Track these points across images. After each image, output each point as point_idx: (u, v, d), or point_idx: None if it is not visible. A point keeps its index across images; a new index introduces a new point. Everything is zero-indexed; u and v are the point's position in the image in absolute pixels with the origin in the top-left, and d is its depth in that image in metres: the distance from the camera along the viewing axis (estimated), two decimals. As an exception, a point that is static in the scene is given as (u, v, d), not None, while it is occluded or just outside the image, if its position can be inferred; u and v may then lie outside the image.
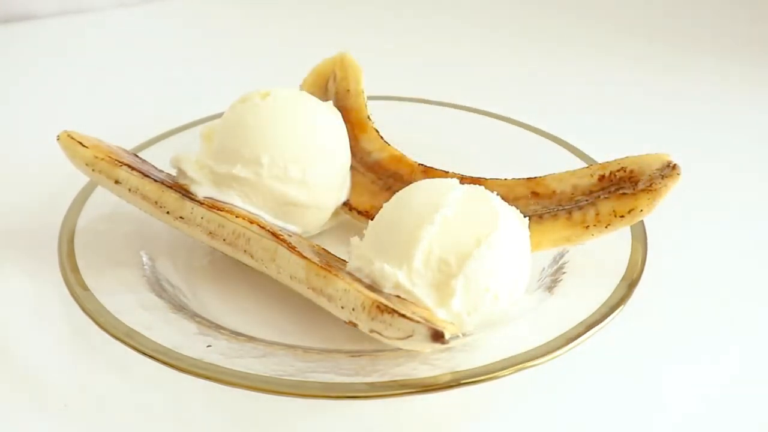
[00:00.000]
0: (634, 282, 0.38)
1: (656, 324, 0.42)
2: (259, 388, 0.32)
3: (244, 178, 0.42)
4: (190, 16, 0.89)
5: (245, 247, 0.39)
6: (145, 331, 0.35)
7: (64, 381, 0.38)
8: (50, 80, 0.73)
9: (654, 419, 0.36)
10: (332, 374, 0.34)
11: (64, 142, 0.43)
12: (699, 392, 0.38)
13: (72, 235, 0.42)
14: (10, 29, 0.79)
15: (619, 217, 0.39)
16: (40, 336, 0.40)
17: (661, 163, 0.40)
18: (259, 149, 0.42)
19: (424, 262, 0.36)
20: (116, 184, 0.42)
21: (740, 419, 0.36)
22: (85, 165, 0.42)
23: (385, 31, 0.86)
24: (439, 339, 0.32)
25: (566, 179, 0.43)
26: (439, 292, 0.36)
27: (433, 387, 0.32)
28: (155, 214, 0.42)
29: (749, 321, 0.42)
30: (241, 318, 0.40)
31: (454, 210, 0.37)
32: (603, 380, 0.38)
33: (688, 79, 0.73)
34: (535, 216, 0.41)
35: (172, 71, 0.76)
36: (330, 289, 0.36)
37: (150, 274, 0.42)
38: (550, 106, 0.66)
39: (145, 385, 0.37)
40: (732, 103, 0.70)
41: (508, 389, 0.37)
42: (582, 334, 0.35)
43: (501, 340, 0.36)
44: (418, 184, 0.40)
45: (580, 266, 0.41)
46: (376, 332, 0.34)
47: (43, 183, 0.53)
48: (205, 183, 0.42)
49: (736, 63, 0.77)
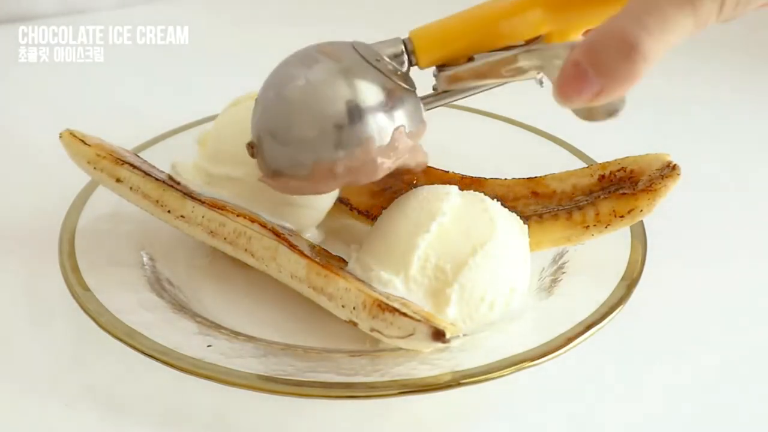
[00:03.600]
0: (634, 282, 0.38)
1: (656, 324, 0.42)
2: (259, 388, 0.32)
3: (238, 179, 0.42)
4: (190, 16, 0.89)
5: (246, 245, 0.40)
6: (145, 331, 0.35)
7: (65, 381, 0.38)
8: (50, 80, 0.73)
9: (654, 419, 0.36)
10: (332, 374, 0.34)
11: (66, 140, 0.43)
12: (699, 392, 0.38)
13: (72, 234, 0.42)
14: (10, 29, 0.79)
15: (619, 217, 0.39)
16: (40, 336, 0.40)
17: (661, 163, 0.40)
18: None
19: (420, 269, 0.36)
20: (118, 183, 0.42)
21: (740, 419, 0.36)
22: (87, 163, 0.42)
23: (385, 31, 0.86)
24: (440, 338, 0.32)
25: (566, 179, 0.43)
26: (435, 300, 0.36)
27: (433, 387, 0.32)
28: (156, 213, 0.42)
29: (749, 321, 0.42)
30: (241, 318, 0.40)
31: (451, 218, 0.37)
32: (603, 380, 0.38)
33: (688, 79, 0.73)
34: (535, 216, 0.41)
35: (172, 71, 0.76)
36: (331, 288, 0.36)
37: (150, 274, 0.42)
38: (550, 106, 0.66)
39: (145, 384, 0.37)
40: (733, 103, 0.70)
41: (508, 389, 0.37)
42: (582, 334, 0.35)
43: (501, 340, 0.36)
44: (416, 190, 0.40)
45: (579, 266, 0.41)
46: (376, 331, 0.34)
47: (44, 183, 0.53)
48: (199, 183, 0.43)
49: (737, 63, 0.77)
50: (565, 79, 0.31)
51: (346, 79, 0.36)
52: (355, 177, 0.37)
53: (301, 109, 0.36)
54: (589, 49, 0.30)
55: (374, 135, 0.36)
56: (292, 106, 0.36)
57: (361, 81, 0.36)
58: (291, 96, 0.36)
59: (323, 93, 0.36)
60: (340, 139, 0.35)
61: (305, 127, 0.36)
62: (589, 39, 0.30)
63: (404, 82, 0.37)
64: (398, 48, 0.37)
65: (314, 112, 0.36)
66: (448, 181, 0.44)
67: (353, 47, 0.37)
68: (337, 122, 0.35)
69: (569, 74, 0.31)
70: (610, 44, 0.29)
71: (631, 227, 0.41)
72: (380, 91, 0.36)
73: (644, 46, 0.29)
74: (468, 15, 0.37)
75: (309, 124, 0.36)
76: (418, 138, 0.38)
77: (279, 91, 0.37)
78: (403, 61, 0.37)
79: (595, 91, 0.30)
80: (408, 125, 0.37)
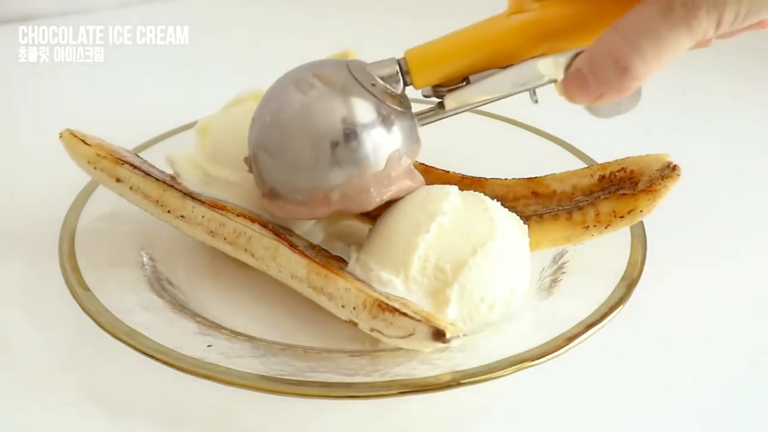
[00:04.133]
0: (634, 282, 0.38)
1: (656, 324, 0.42)
2: (259, 388, 0.32)
3: (236, 183, 0.42)
4: (190, 16, 0.89)
5: (246, 245, 0.40)
6: (145, 331, 0.35)
7: (65, 381, 0.38)
8: (50, 80, 0.73)
9: (653, 419, 0.36)
10: (332, 374, 0.34)
11: (66, 140, 0.43)
12: (699, 392, 0.38)
13: (73, 234, 0.42)
14: (10, 29, 0.79)
15: (619, 218, 0.39)
16: (40, 336, 0.40)
17: (662, 164, 0.40)
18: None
19: (420, 269, 0.36)
20: (118, 183, 0.42)
21: (740, 419, 0.36)
22: (87, 163, 0.42)
23: (386, 31, 0.86)
24: (440, 338, 0.32)
25: (566, 179, 0.43)
26: (435, 300, 0.36)
27: (433, 387, 0.32)
28: (156, 213, 0.42)
29: (749, 321, 0.42)
30: (241, 318, 0.40)
31: (451, 218, 0.37)
32: (603, 380, 0.38)
33: (689, 80, 0.73)
34: (535, 216, 0.41)
35: (172, 71, 0.76)
36: (331, 287, 0.36)
37: (150, 274, 0.42)
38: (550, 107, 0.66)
39: (145, 384, 0.37)
40: (733, 104, 0.70)
41: (508, 389, 0.37)
42: (581, 334, 0.35)
43: (501, 340, 0.36)
44: (416, 191, 0.40)
45: (579, 266, 0.41)
46: (376, 331, 0.34)
47: (44, 183, 0.53)
48: (196, 182, 0.43)
49: (737, 63, 0.77)
50: (570, 83, 0.34)
51: (341, 107, 0.36)
52: (348, 205, 0.38)
53: (295, 135, 0.37)
54: (589, 60, 0.33)
55: (369, 161, 0.37)
56: (286, 132, 0.37)
57: (356, 108, 0.36)
58: (285, 122, 0.37)
59: (318, 121, 0.36)
60: (334, 165, 0.36)
61: (299, 152, 0.37)
62: (590, 50, 0.33)
63: (399, 104, 0.38)
64: (393, 68, 0.38)
65: (308, 138, 0.36)
66: (449, 181, 0.44)
67: (348, 69, 0.38)
68: (332, 148, 0.36)
69: (573, 79, 0.34)
70: (607, 60, 0.32)
71: (631, 227, 0.41)
72: (375, 117, 0.37)
73: (637, 71, 0.31)
74: (464, 35, 0.37)
75: (302, 149, 0.37)
76: (413, 158, 0.39)
77: (275, 116, 0.37)
78: (398, 80, 0.37)
79: (596, 95, 0.33)
80: (403, 148, 0.38)
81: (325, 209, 0.38)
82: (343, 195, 0.37)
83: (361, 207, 0.38)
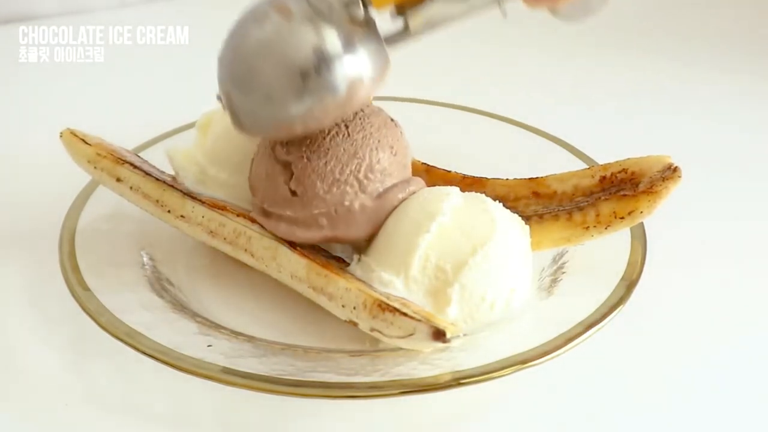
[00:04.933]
0: (634, 282, 0.38)
1: (655, 324, 0.42)
2: (259, 388, 0.32)
3: (234, 185, 0.42)
4: (190, 16, 0.89)
5: (246, 245, 0.40)
6: (145, 331, 0.35)
7: (65, 381, 0.38)
8: (50, 80, 0.73)
9: (653, 419, 0.36)
10: (332, 374, 0.34)
11: (66, 139, 0.43)
12: (699, 392, 0.38)
13: (73, 234, 0.42)
14: (10, 29, 0.79)
15: (619, 219, 0.39)
16: (41, 336, 0.40)
17: (662, 165, 0.40)
18: (250, 157, 0.42)
19: (421, 270, 0.36)
20: (118, 182, 0.42)
21: (740, 418, 0.36)
22: (87, 162, 0.42)
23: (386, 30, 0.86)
24: (440, 338, 0.32)
25: (567, 180, 0.43)
26: (436, 300, 0.36)
27: (433, 387, 0.32)
28: (156, 213, 0.42)
29: (749, 321, 0.43)
30: (241, 318, 0.40)
31: (451, 218, 0.37)
32: (602, 380, 0.38)
33: (690, 80, 0.74)
34: (535, 216, 0.41)
35: (172, 71, 0.76)
36: (331, 287, 0.36)
37: (150, 274, 0.42)
38: (551, 107, 0.66)
39: (145, 384, 0.37)
40: (734, 105, 0.70)
41: (508, 389, 0.37)
42: (581, 334, 0.35)
43: (501, 340, 0.36)
44: (417, 192, 0.40)
45: (579, 266, 0.41)
46: (376, 331, 0.34)
47: (44, 183, 0.52)
48: (193, 179, 0.43)
49: (738, 64, 0.77)
50: None
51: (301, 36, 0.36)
52: (336, 230, 0.38)
53: (257, 66, 0.37)
54: None
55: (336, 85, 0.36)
56: (248, 64, 0.37)
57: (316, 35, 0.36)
58: (247, 54, 0.37)
59: (277, 50, 0.36)
60: (301, 88, 0.36)
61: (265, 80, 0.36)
62: None
63: (361, 26, 0.37)
64: None
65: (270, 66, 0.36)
66: (450, 181, 0.44)
67: None
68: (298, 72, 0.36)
69: None
70: None
71: (631, 228, 0.41)
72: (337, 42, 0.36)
73: None
74: None
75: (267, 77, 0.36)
76: (383, 78, 0.38)
77: (236, 51, 0.38)
78: (357, 2, 0.37)
79: None
80: (368, 70, 0.37)
81: (316, 234, 0.38)
82: (329, 218, 0.38)
83: (347, 226, 0.38)
